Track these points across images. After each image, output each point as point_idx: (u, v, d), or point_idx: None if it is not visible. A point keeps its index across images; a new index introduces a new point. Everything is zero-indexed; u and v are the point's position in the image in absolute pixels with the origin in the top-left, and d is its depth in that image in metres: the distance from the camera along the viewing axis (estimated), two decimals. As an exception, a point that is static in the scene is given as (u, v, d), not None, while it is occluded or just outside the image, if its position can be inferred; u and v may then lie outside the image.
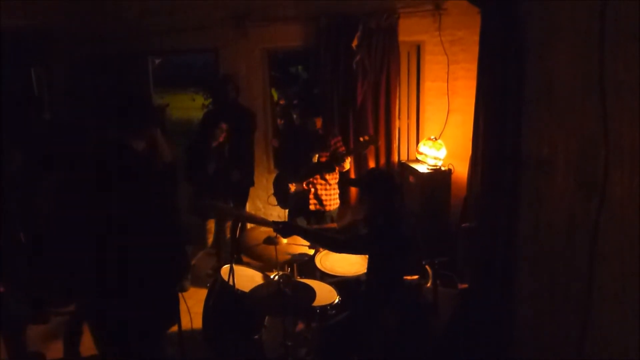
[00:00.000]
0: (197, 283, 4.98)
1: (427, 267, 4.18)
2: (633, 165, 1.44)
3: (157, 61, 6.53)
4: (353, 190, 5.49)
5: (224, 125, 4.76)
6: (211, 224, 5.16)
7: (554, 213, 2.43)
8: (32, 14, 5.38)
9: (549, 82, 2.46)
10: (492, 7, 3.10)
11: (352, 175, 5.33)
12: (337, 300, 3.36)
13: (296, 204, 4.82)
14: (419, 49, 5.37)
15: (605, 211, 1.63)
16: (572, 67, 2.01)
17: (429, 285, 4.06)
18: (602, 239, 1.63)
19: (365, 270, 3.35)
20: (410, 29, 5.18)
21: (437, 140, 5.06)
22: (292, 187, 4.72)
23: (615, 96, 1.54)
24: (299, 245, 3.70)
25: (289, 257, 3.62)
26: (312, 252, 3.75)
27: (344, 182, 4.94)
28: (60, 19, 5.81)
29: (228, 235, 5.10)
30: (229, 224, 5.09)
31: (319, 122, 4.72)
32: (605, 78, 1.52)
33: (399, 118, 5.51)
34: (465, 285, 4.11)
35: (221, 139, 4.77)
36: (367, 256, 3.32)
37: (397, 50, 5.20)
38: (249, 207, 5.81)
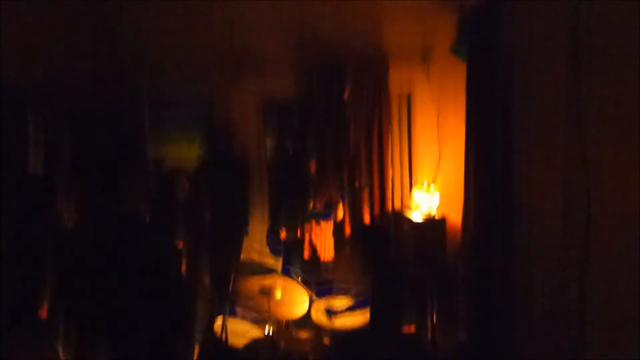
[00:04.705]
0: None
1: (424, 316, 4.14)
2: (615, 212, 1.47)
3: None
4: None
5: (184, 180, 4.75)
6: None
7: (545, 257, 2.43)
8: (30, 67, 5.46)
9: (531, 131, 2.52)
10: (476, 59, 3.19)
11: (347, 223, 5.32)
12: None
13: (290, 252, 4.80)
14: (409, 98, 5.47)
15: (591, 256, 1.64)
16: (553, 115, 2.07)
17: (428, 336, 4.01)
18: (591, 288, 1.64)
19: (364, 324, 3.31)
20: (400, 79, 5.30)
21: (430, 188, 5.09)
22: (283, 234, 4.71)
23: (595, 145, 1.57)
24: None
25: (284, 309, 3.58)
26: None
27: (337, 240, 4.90)
28: (56, 70, 5.88)
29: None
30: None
31: (312, 168, 4.75)
32: (583, 127, 1.57)
33: (392, 166, 5.56)
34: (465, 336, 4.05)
35: (185, 191, 4.74)
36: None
37: (387, 100, 5.30)
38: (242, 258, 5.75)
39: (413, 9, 5.15)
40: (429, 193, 5.03)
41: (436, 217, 4.95)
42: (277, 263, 5.20)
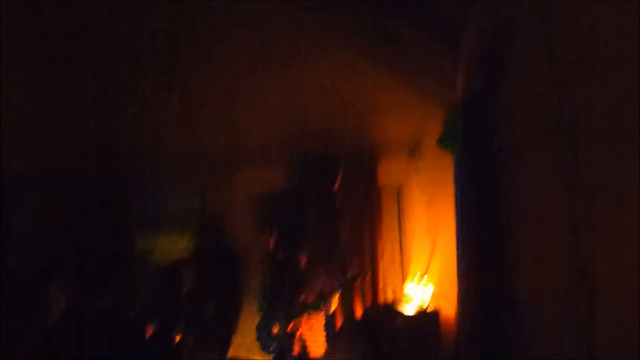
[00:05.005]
0: None
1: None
2: (617, 305, 1.43)
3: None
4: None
5: (185, 270, 4.70)
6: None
7: (544, 354, 2.35)
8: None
9: (521, 219, 2.53)
10: (462, 150, 3.26)
11: (339, 316, 5.19)
12: None
13: (281, 347, 4.64)
14: (398, 190, 5.54)
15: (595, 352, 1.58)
16: (541, 204, 2.08)
17: None
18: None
19: None
20: (390, 172, 5.39)
21: (422, 280, 5.03)
22: (276, 329, 4.58)
23: (588, 235, 1.57)
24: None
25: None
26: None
27: (329, 336, 4.76)
28: (44, 162, 5.93)
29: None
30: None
31: (303, 261, 4.71)
32: (575, 214, 1.58)
33: (383, 258, 5.52)
34: None
35: (189, 285, 4.68)
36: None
37: (377, 192, 5.37)
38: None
39: (402, 103, 5.36)
40: (422, 285, 4.96)
41: (429, 310, 4.85)
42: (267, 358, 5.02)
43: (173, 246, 6.57)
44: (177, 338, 4.55)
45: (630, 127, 1.25)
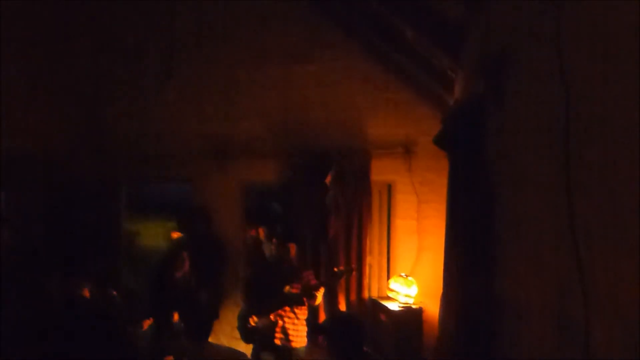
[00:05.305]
0: None
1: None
2: (613, 314, 1.44)
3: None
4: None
5: (184, 254, 4.71)
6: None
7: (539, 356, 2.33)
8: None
9: (517, 225, 2.53)
10: (459, 151, 3.29)
11: (322, 311, 5.22)
12: None
13: (262, 337, 4.64)
14: (390, 188, 5.58)
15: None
16: (541, 211, 2.08)
17: None
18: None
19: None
20: (382, 169, 5.42)
21: (408, 278, 5.07)
22: (253, 321, 4.57)
23: (586, 244, 1.57)
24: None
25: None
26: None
27: (310, 329, 4.78)
28: (39, 144, 5.91)
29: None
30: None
31: (292, 250, 4.71)
32: (575, 225, 1.59)
33: (370, 254, 5.56)
34: None
35: (185, 269, 4.69)
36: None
37: (368, 189, 5.39)
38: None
39: (397, 101, 5.40)
40: (407, 282, 5.00)
41: (414, 307, 4.90)
42: (248, 348, 5.02)
43: (160, 233, 6.62)
44: (147, 323, 4.58)
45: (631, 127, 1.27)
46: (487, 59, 2.75)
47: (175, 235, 5.40)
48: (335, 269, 4.56)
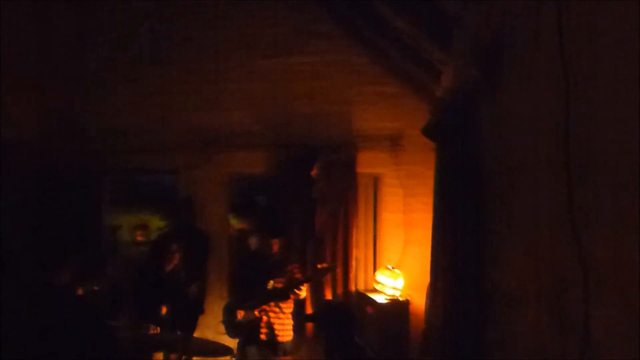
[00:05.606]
0: None
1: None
2: (614, 296, 1.41)
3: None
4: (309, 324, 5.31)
5: (174, 246, 4.64)
6: (159, 356, 4.82)
7: (526, 353, 2.31)
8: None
9: (508, 213, 2.52)
10: (447, 141, 3.27)
11: (308, 304, 5.19)
12: None
13: (247, 332, 4.59)
14: (376, 181, 5.56)
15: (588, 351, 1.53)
16: (536, 197, 2.07)
17: None
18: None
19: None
20: (369, 162, 5.41)
21: (395, 270, 5.06)
22: (240, 314, 4.53)
23: (585, 224, 1.55)
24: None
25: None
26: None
27: (300, 318, 4.76)
28: (23, 132, 5.78)
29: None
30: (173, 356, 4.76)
31: (275, 246, 4.66)
32: (574, 207, 1.57)
33: (357, 247, 5.53)
34: None
35: (175, 261, 4.63)
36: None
37: (355, 182, 5.38)
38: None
39: (385, 94, 5.38)
40: (394, 275, 5.00)
41: (400, 299, 4.90)
42: (233, 342, 4.97)
43: (145, 224, 6.54)
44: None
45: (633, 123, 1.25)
46: (482, 44, 2.73)
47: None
48: (319, 266, 4.52)
